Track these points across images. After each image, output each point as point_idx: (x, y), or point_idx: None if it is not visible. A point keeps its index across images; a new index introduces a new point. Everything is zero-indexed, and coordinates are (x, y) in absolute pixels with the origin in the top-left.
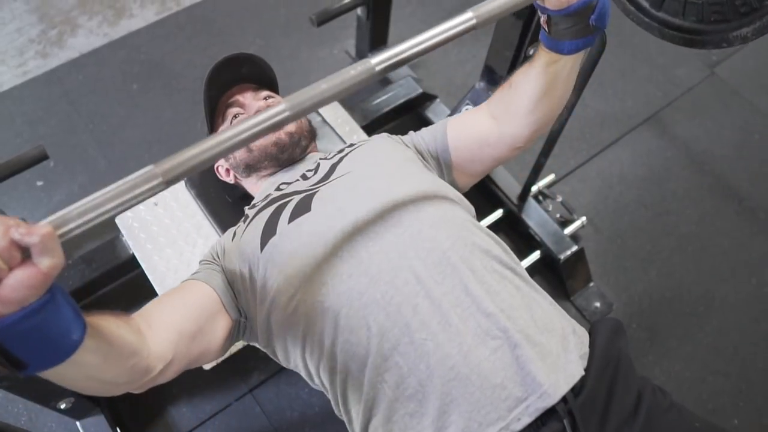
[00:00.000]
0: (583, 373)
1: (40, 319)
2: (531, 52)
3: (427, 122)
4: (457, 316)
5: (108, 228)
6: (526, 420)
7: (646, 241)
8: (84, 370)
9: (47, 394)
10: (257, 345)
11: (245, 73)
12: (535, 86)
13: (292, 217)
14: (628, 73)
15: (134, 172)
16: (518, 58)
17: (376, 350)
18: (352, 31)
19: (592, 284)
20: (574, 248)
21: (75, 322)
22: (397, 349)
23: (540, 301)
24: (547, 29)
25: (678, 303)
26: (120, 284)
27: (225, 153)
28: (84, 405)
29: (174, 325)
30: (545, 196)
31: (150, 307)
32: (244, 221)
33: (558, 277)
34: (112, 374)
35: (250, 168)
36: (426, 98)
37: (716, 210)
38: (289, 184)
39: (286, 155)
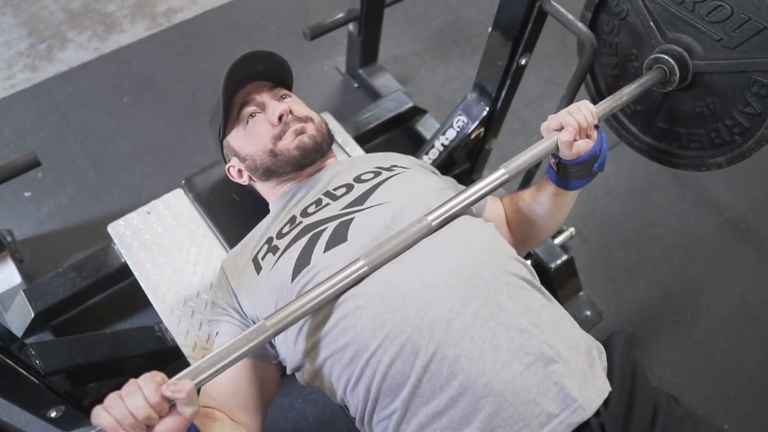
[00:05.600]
0: (611, 388)
1: None
2: (523, 62)
3: (417, 135)
4: (491, 330)
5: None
6: None
7: (633, 251)
8: None
9: (38, 402)
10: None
11: (261, 70)
12: (542, 211)
13: (328, 246)
14: None
15: (125, 184)
16: (510, 68)
17: (410, 369)
18: (342, 48)
19: (582, 293)
20: (565, 257)
21: None
22: (430, 366)
23: (564, 319)
24: (555, 170)
25: (666, 311)
26: (112, 293)
27: (316, 307)
28: (74, 415)
29: (242, 411)
30: None
31: (218, 402)
32: (274, 253)
33: (549, 286)
34: None
35: (271, 172)
36: (416, 112)
37: (699, 221)
38: (316, 203)
39: (309, 160)
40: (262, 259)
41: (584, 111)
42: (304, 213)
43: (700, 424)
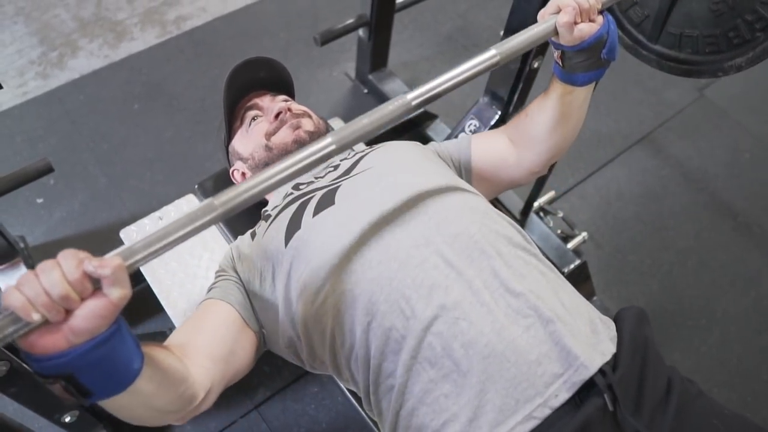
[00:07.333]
0: (614, 350)
1: (108, 348)
2: (536, 65)
3: (428, 140)
4: (488, 296)
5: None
6: (565, 395)
7: (646, 255)
8: (140, 398)
9: (53, 407)
10: (277, 351)
11: (263, 77)
12: (550, 116)
13: (317, 210)
14: (621, 96)
15: (136, 190)
16: (523, 71)
17: (410, 333)
18: (351, 54)
19: (595, 298)
20: (578, 262)
21: (136, 351)
22: (430, 329)
23: (565, 287)
24: (561, 63)
25: (680, 316)
26: None
27: (275, 186)
28: (87, 420)
29: (207, 352)
30: (546, 212)
31: (179, 336)
32: (266, 221)
33: None
34: (163, 402)
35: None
36: (427, 117)
37: (712, 225)
38: (308, 183)
39: None
40: (257, 227)
41: None
42: (296, 188)
43: (714, 403)
